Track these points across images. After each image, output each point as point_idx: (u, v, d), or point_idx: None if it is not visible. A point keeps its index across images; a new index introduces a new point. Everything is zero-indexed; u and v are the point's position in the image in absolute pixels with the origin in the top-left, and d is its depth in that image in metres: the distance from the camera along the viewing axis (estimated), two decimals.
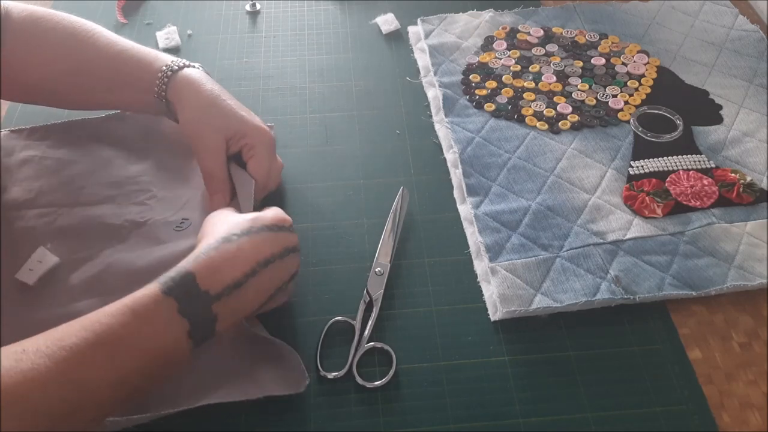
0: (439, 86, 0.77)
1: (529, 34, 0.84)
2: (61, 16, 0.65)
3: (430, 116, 0.76)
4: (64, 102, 0.69)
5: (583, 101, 0.75)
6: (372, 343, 0.56)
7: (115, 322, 0.42)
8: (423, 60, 0.81)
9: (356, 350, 0.55)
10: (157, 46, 0.84)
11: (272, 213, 0.53)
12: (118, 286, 0.50)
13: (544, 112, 0.74)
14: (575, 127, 0.73)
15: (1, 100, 0.76)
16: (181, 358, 0.45)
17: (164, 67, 0.62)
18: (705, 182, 0.66)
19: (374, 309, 0.58)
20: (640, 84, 0.77)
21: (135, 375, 0.42)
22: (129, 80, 0.64)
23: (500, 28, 0.85)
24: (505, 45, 0.83)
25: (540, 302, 0.57)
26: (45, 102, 0.70)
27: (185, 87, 0.61)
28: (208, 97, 0.61)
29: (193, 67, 0.63)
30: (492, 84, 0.78)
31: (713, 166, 0.68)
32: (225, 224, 0.51)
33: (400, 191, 0.66)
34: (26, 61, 0.63)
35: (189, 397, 0.51)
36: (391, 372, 0.54)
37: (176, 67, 0.62)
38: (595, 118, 0.74)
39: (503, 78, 0.79)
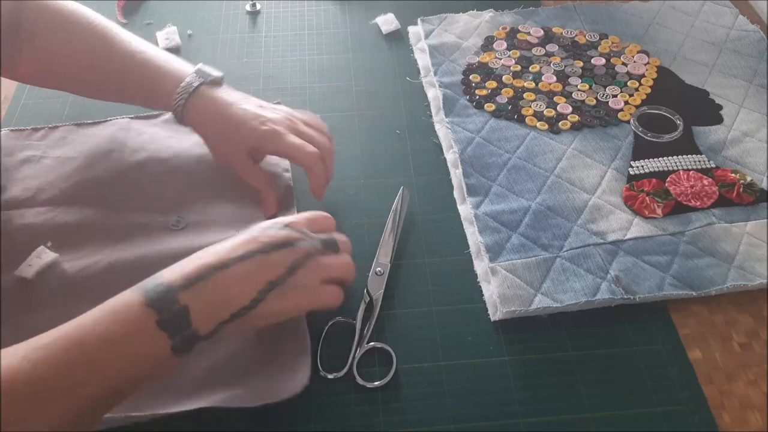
0: (439, 86, 0.77)
1: (529, 34, 0.84)
2: (93, 18, 0.67)
3: (430, 116, 0.76)
4: (81, 92, 0.71)
5: (583, 101, 0.75)
6: (372, 343, 0.56)
7: (88, 321, 0.44)
8: (423, 60, 0.81)
9: (356, 350, 0.55)
10: (157, 46, 0.84)
11: (271, 221, 0.54)
12: (118, 286, 0.50)
13: (544, 112, 0.74)
14: (575, 127, 0.73)
15: (1, 101, 0.76)
16: (161, 354, 0.45)
17: (176, 96, 0.63)
18: (705, 182, 0.66)
19: (374, 309, 0.58)
20: (640, 84, 0.77)
21: (110, 374, 0.43)
22: (143, 92, 0.66)
23: (500, 28, 0.85)
24: (505, 45, 0.83)
25: (540, 302, 0.57)
26: (63, 89, 0.72)
27: (202, 113, 0.63)
28: (217, 121, 0.63)
29: (199, 83, 0.63)
30: (492, 84, 0.78)
31: (713, 166, 0.68)
32: None
33: (400, 191, 0.66)
34: (53, 52, 0.65)
35: (189, 397, 0.51)
36: (391, 372, 0.54)
37: (191, 89, 0.63)
38: (596, 118, 0.74)
39: (503, 78, 0.79)
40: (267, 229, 0.52)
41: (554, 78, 0.78)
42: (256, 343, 0.54)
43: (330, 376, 0.54)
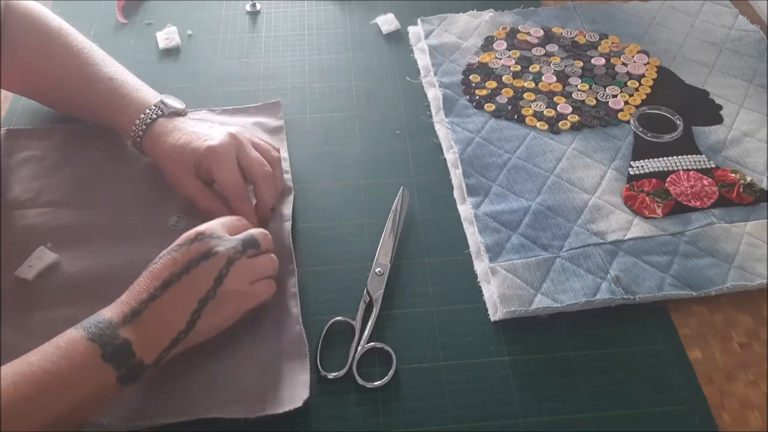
0: (439, 86, 0.77)
1: (529, 34, 0.84)
2: (74, 38, 0.67)
3: (430, 116, 0.76)
4: (54, 107, 0.73)
5: (583, 101, 0.75)
6: (372, 343, 0.56)
7: (35, 357, 0.45)
8: (423, 60, 0.81)
9: (356, 350, 0.55)
10: (157, 46, 0.84)
11: (183, 235, 0.53)
12: (118, 286, 0.50)
13: (544, 112, 0.74)
14: (575, 128, 0.73)
15: (1, 101, 0.76)
16: (107, 386, 0.46)
17: (134, 127, 0.63)
18: (705, 182, 0.66)
19: (374, 309, 0.58)
20: (640, 84, 0.77)
21: (59, 405, 0.44)
22: (108, 118, 0.66)
23: (500, 28, 0.85)
24: (505, 45, 0.83)
25: (540, 302, 0.57)
26: (38, 100, 0.74)
27: (153, 146, 0.63)
28: (168, 147, 0.62)
29: (157, 116, 0.63)
30: (492, 84, 0.78)
31: (713, 166, 0.68)
32: None
33: (400, 191, 0.66)
34: (31, 67, 0.67)
35: (190, 407, 0.51)
36: (391, 372, 0.54)
37: (144, 126, 0.63)
38: (595, 119, 0.74)
39: (503, 78, 0.79)
40: (181, 246, 0.51)
41: (554, 78, 0.78)
42: (255, 357, 0.54)
43: (330, 376, 0.54)
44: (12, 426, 0.42)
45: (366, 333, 0.56)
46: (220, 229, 0.54)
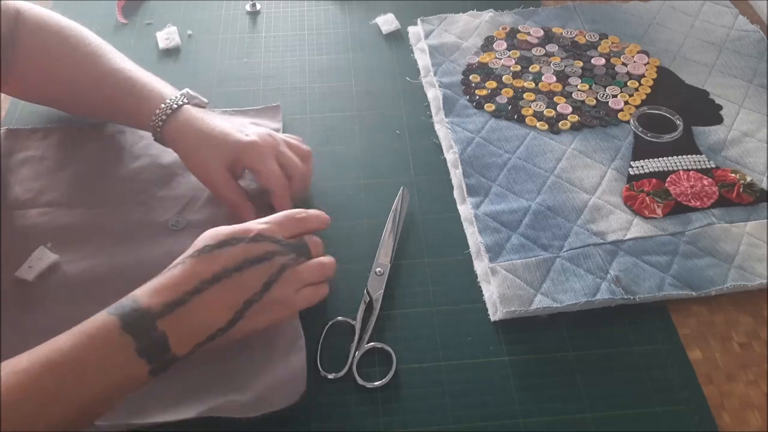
0: (439, 86, 0.77)
1: (529, 34, 0.84)
2: (84, 35, 0.68)
3: (430, 116, 0.76)
4: (66, 109, 0.73)
5: (583, 101, 0.75)
6: (372, 343, 0.56)
7: (65, 345, 0.43)
8: (423, 60, 0.81)
9: (356, 350, 0.55)
10: (157, 46, 0.84)
11: (235, 227, 0.52)
12: (118, 287, 0.50)
13: (544, 112, 0.74)
14: (575, 128, 0.73)
15: (2, 101, 0.76)
16: (137, 378, 0.46)
17: (158, 111, 0.63)
18: (705, 182, 0.66)
19: (374, 309, 0.58)
20: (640, 84, 0.77)
21: (89, 394, 0.43)
22: (124, 112, 0.66)
23: (500, 28, 0.85)
24: (505, 45, 0.83)
25: (540, 302, 0.57)
26: (47, 104, 0.74)
27: (179, 131, 0.62)
28: (199, 134, 0.62)
29: (183, 102, 0.63)
30: (492, 84, 0.78)
31: (713, 166, 0.68)
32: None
33: (400, 191, 0.66)
34: (40, 70, 0.67)
35: (186, 404, 0.51)
36: (391, 372, 0.54)
37: (170, 111, 0.62)
38: (595, 119, 0.74)
39: (503, 78, 0.79)
40: (239, 240, 0.51)
41: (554, 78, 0.78)
42: (253, 352, 0.54)
43: (330, 376, 0.54)
44: (37, 414, 0.41)
45: (366, 333, 0.56)
46: (278, 231, 0.54)
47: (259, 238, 0.52)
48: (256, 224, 0.53)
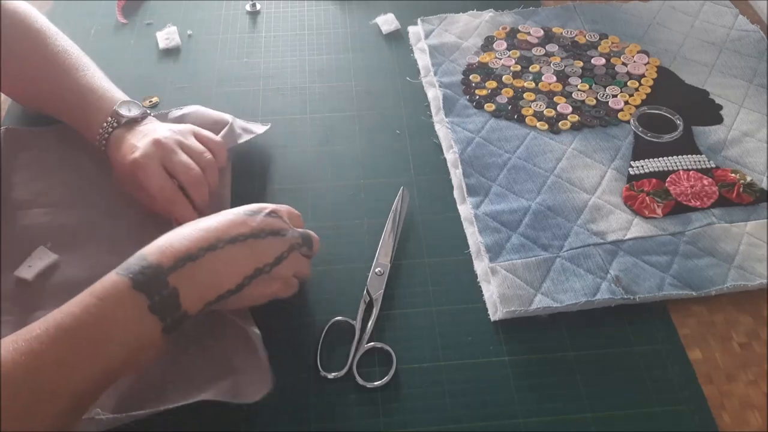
0: (439, 86, 0.77)
1: (529, 34, 0.84)
2: (52, 43, 0.67)
3: (430, 116, 0.76)
4: (40, 110, 0.72)
5: (583, 101, 0.75)
6: (372, 343, 0.56)
7: (77, 310, 0.43)
8: (423, 60, 0.81)
9: (356, 350, 0.55)
10: (157, 46, 0.84)
11: (247, 206, 0.53)
12: None
13: (544, 112, 0.74)
14: (575, 127, 0.73)
15: (1, 101, 0.76)
16: (151, 337, 0.45)
17: (97, 137, 0.63)
18: (705, 182, 0.66)
19: (374, 309, 0.58)
20: (640, 84, 0.77)
21: (106, 357, 0.43)
22: (78, 116, 0.66)
23: (500, 28, 0.85)
24: (505, 45, 0.83)
25: (540, 302, 0.57)
26: (25, 104, 0.74)
27: (111, 155, 0.63)
28: (116, 160, 0.62)
29: (118, 124, 0.63)
30: (492, 84, 0.78)
31: (713, 166, 0.68)
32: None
33: (400, 191, 0.66)
34: (8, 67, 0.67)
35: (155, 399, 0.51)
36: (391, 372, 0.54)
37: (107, 135, 0.63)
38: (595, 118, 0.74)
39: (503, 78, 0.79)
40: (255, 213, 0.52)
41: (554, 78, 0.78)
42: (208, 352, 0.54)
43: (330, 376, 0.54)
44: (57, 381, 0.41)
45: (366, 333, 0.56)
46: (286, 216, 0.55)
47: (274, 215, 0.53)
48: (268, 205, 0.54)
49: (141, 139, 0.61)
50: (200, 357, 0.54)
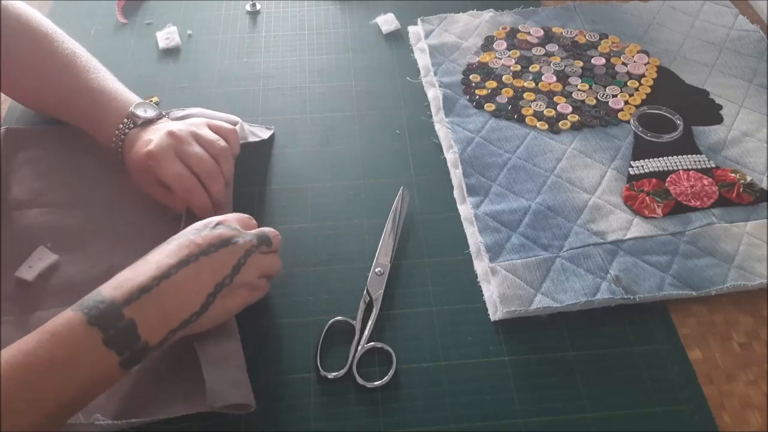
0: (439, 86, 0.77)
1: (529, 34, 0.84)
2: (59, 47, 0.67)
3: (430, 116, 0.76)
4: (44, 113, 0.73)
5: (583, 101, 0.75)
6: (372, 343, 0.56)
7: (29, 346, 0.43)
8: (423, 60, 0.81)
9: (356, 350, 0.55)
10: (157, 46, 0.84)
11: (201, 222, 0.53)
12: None
13: (544, 112, 0.74)
14: (575, 127, 0.73)
15: (1, 101, 0.76)
16: (108, 370, 0.45)
17: (114, 138, 0.64)
18: (705, 182, 0.66)
19: (374, 309, 0.58)
20: (640, 84, 0.77)
21: (61, 392, 0.43)
22: (90, 118, 0.66)
23: (500, 28, 0.85)
24: (505, 45, 0.83)
25: (540, 302, 0.57)
26: (31, 107, 0.74)
27: (126, 155, 0.63)
28: (131, 157, 0.62)
29: (135, 125, 0.63)
30: (492, 84, 0.78)
31: (713, 166, 0.68)
32: None
33: (400, 191, 0.66)
34: (14, 71, 0.67)
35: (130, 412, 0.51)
36: (391, 372, 0.54)
37: (123, 137, 0.63)
38: (595, 118, 0.74)
39: (503, 78, 0.79)
40: (200, 231, 0.52)
41: (554, 78, 0.78)
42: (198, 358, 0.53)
43: (330, 376, 0.54)
44: (13, 417, 0.41)
45: (366, 333, 0.56)
46: (235, 223, 0.54)
47: (221, 226, 0.53)
48: (215, 217, 0.54)
49: (154, 133, 0.62)
50: (195, 368, 0.53)
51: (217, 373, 0.50)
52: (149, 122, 0.64)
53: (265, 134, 0.72)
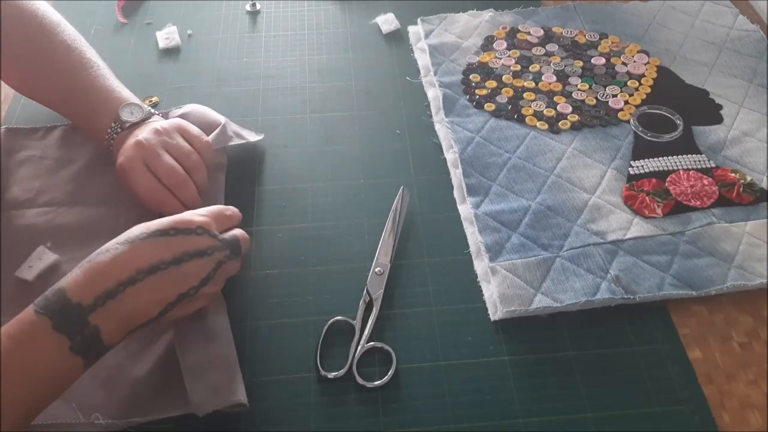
0: (439, 86, 0.77)
1: (529, 33, 0.84)
2: (55, 35, 0.66)
3: (430, 116, 0.76)
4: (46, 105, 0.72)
5: (583, 101, 0.75)
6: (372, 343, 0.56)
7: None
8: (423, 60, 0.81)
9: (356, 350, 0.55)
10: (157, 46, 0.84)
11: (174, 217, 0.51)
12: None
13: (544, 111, 0.74)
14: (575, 127, 0.73)
15: (1, 101, 0.76)
16: (73, 373, 0.45)
17: (109, 129, 0.63)
18: (705, 182, 0.66)
19: (374, 309, 0.58)
20: (640, 84, 0.77)
21: (25, 397, 0.43)
22: (84, 119, 0.66)
23: (500, 27, 0.85)
24: (505, 45, 0.83)
25: (540, 302, 0.57)
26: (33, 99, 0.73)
27: (118, 145, 0.63)
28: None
29: (123, 129, 0.63)
30: (492, 84, 0.78)
31: (713, 165, 0.68)
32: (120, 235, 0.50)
33: (400, 191, 0.66)
34: (14, 63, 0.66)
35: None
36: (391, 372, 0.54)
37: (115, 135, 0.63)
38: (595, 118, 0.74)
39: (503, 78, 0.79)
40: (179, 233, 0.49)
41: (554, 78, 0.78)
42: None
43: (330, 376, 0.54)
44: None
45: (366, 333, 0.56)
46: (214, 226, 0.53)
47: (201, 231, 0.50)
48: (197, 216, 0.52)
49: (129, 141, 0.61)
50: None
51: (197, 383, 0.49)
52: (136, 125, 0.63)
53: (251, 137, 0.70)
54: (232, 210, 0.57)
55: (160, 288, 0.48)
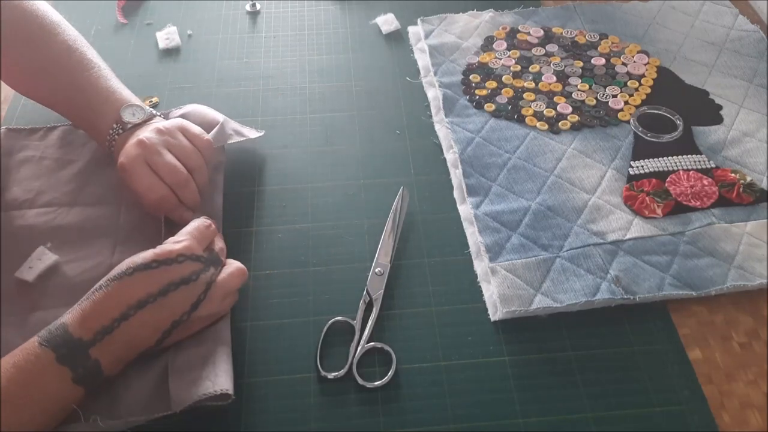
0: (439, 86, 0.77)
1: (529, 34, 0.84)
2: (65, 36, 0.66)
3: (430, 116, 0.76)
4: (37, 99, 0.71)
5: (583, 101, 0.75)
6: (372, 343, 0.56)
7: (3, 383, 0.44)
8: (423, 60, 0.81)
9: (356, 350, 0.55)
10: (157, 46, 0.84)
11: (154, 250, 0.51)
12: None
13: (544, 112, 0.74)
14: (575, 127, 0.73)
15: (1, 101, 0.76)
16: (74, 402, 0.47)
17: (111, 130, 0.63)
18: (705, 182, 0.66)
19: (374, 309, 0.58)
20: (640, 84, 0.77)
21: (28, 424, 0.45)
22: (85, 120, 0.66)
23: (500, 28, 0.85)
24: (505, 45, 0.83)
25: (540, 302, 0.57)
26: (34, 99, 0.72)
27: (119, 146, 0.63)
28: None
29: (124, 129, 0.62)
30: (492, 84, 0.78)
31: (713, 166, 0.68)
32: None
33: (400, 191, 0.66)
34: (13, 63, 0.66)
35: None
36: (391, 372, 0.54)
37: (116, 136, 0.63)
38: (595, 118, 0.74)
39: (503, 78, 0.79)
40: (161, 263, 0.50)
41: (554, 78, 0.78)
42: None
43: (330, 376, 0.54)
44: None
45: (366, 333, 0.56)
46: (197, 248, 0.53)
47: (181, 259, 0.51)
48: (175, 244, 0.52)
49: (130, 141, 0.61)
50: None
51: (179, 381, 0.50)
52: (138, 126, 0.63)
53: (251, 134, 0.70)
54: (209, 221, 0.57)
55: (152, 319, 0.50)
